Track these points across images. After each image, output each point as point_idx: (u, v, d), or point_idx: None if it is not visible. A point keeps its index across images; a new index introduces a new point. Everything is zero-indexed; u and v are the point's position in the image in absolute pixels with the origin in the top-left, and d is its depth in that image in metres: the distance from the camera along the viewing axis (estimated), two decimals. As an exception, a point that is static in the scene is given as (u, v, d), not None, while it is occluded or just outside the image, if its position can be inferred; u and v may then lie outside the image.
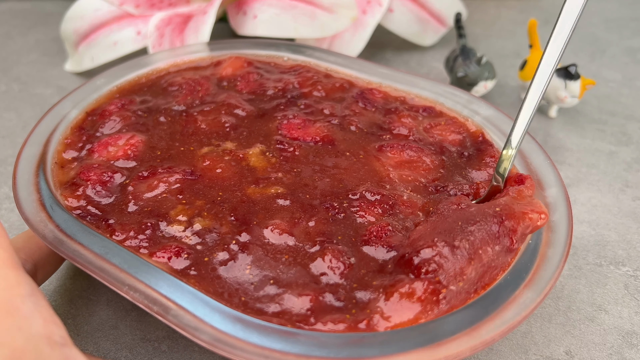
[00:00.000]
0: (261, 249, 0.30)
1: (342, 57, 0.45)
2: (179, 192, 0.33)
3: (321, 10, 0.49)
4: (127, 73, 0.43)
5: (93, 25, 0.54)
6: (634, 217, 0.41)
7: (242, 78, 0.43)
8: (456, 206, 0.31)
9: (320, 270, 0.28)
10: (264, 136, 0.37)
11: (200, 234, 0.30)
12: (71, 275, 0.36)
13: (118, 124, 0.38)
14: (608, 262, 0.37)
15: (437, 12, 0.58)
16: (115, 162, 0.35)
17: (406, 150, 0.36)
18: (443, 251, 0.27)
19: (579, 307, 0.35)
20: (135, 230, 0.31)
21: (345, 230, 0.31)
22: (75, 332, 0.33)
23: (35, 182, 0.33)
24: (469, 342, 0.25)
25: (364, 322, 0.26)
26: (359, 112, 0.39)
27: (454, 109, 0.39)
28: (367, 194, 0.32)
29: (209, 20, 0.48)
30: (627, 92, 0.54)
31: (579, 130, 0.49)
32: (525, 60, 0.50)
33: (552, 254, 0.29)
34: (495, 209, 0.29)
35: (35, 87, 0.55)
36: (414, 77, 0.42)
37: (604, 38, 0.62)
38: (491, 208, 0.30)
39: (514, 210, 0.29)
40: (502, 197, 0.31)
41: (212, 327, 0.25)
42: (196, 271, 0.29)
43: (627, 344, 0.32)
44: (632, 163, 0.45)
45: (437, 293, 0.26)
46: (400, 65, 0.58)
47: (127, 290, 0.27)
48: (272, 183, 0.34)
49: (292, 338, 0.25)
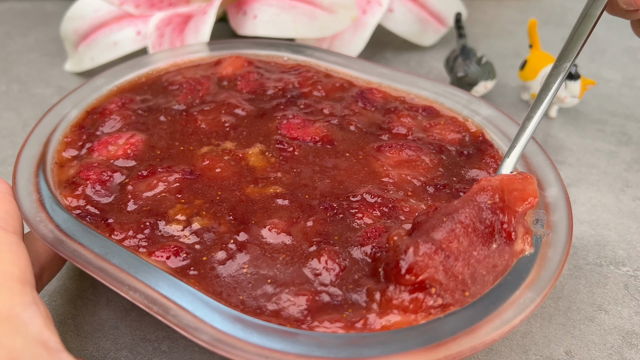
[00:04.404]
0: (259, 248, 0.30)
1: (342, 57, 0.45)
2: (178, 191, 0.33)
3: (321, 10, 0.49)
4: (127, 73, 0.43)
5: (93, 25, 0.54)
6: (634, 217, 0.41)
7: (242, 77, 0.43)
8: (435, 209, 0.30)
9: (317, 271, 0.28)
10: (264, 136, 0.37)
11: (199, 233, 0.30)
12: (71, 275, 0.36)
13: (118, 122, 0.38)
14: (608, 262, 0.37)
15: (437, 12, 0.58)
16: (115, 161, 0.35)
17: (405, 150, 0.36)
18: (426, 250, 0.26)
19: (579, 307, 0.35)
20: (134, 229, 0.31)
21: (342, 231, 0.31)
22: (75, 332, 0.33)
23: (35, 182, 0.33)
24: (469, 342, 0.25)
25: (361, 322, 0.26)
26: (358, 112, 0.39)
27: (453, 109, 0.39)
28: (367, 196, 0.32)
29: (209, 20, 0.48)
30: (627, 92, 0.54)
31: (579, 130, 0.49)
32: (525, 60, 0.50)
33: (552, 254, 0.29)
34: (475, 189, 0.28)
35: (35, 87, 0.55)
36: (413, 77, 0.42)
37: (604, 38, 0.62)
38: (471, 191, 0.29)
39: (497, 183, 0.29)
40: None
41: (212, 327, 0.25)
42: (195, 270, 0.29)
43: (627, 344, 0.32)
44: (632, 163, 0.45)
45: (427, 292, 0.26)
46: (400, 65, 0.58)
47: (127, 290, 0.27)
48: (271, 183, 0.34)
49: (292, 338, 0.25)
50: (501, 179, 0.29)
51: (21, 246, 0.28)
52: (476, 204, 0.28)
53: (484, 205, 0.28)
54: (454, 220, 0.27)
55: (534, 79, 0.49)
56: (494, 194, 0.28)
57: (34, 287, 0.26)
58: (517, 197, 0.29)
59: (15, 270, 0.26)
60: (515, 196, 0.29)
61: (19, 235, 0.29)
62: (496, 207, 0.28)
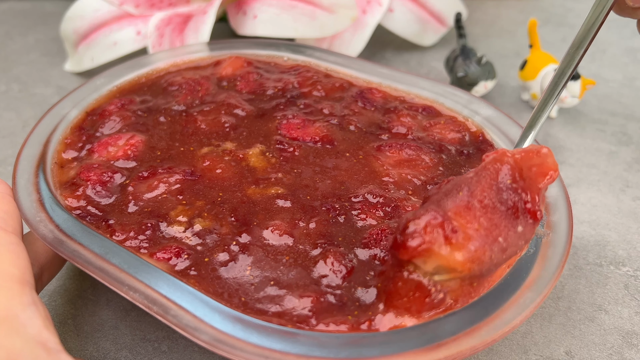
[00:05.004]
0: (261, 250, 0.30)
1: (342, 57, 0.45)
2: (179, 192, 0.33)
3: (321, 10, 0.49)
4: (127, 73, 0.43)
5: (93, 25, 0.54)
6: (634, 217, 0.41)
7: (242, 78, 0.43)
8: (448, 181, 0.27)
9: (322, 273, 0.28)
10: (264, 136, 0.37)
11: (201, 235, 0.30)
12: (71, 275, 0.36)
13: (118, 123, 0.38)
14: (608, 262, 0.37)
15: (437, 12, 0.58)
16: (115, 162, 0.35)
17: (405, 149, 0.36)
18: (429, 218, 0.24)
19: (579, 307, 0.35)
20: (135, 230, 0.31)
21: (346, 232, 0.31)
22: (75, 332, 0.33)
23: (35, 182, 0.33)
24: (469, 342, 0.25)
25: (366, 324, 0.26)
26: (358, 112, 0.39)
27: (453, 109, 0.39)
28: (369, 196, 0.32)
29: (209, 20, 0.48)
30: (627, 92, 0.54)
31: (579, 130, 0.49)
32: (526, 60, 0.50)
33: (552, 254, 0.29)
34: (490, 159, 0.26)
35: (35, 87, 0.55)
36: (413, 77, 0.42)
37: (604, 38, 0.62)
38: (485, 162, 0.27)
39: (514, 159, 0.27)
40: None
41: (212, 327, 0.25)
42: (196, 272, 0.29)
43: (627, 344, 0.32)
44: (632, 163, 0.45)
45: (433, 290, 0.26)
46: (400, 65, 0.58)
47: (127, 291, 0.27)
48: (272, 183, 0.33)
49: (292, 338, 0.25)
50: (517, 152, 0.27)
51: (21, 246, 0.28)
52: (491, 174, 0.26)
53: (504, 186, 0.26)
54: (467, 191, 0.25)
55: (534, 79, 0.49)
56: (513, 172, 0.26)
57: (33, 288, 0.26)
58: (537, 173, 0.27)
59: (15, 271, 0.26)
60: (535, 172, 0.27)
61: (19, 236, 0.29)
62: (517, 187, 0.26)
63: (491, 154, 0.27)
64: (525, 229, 0.26)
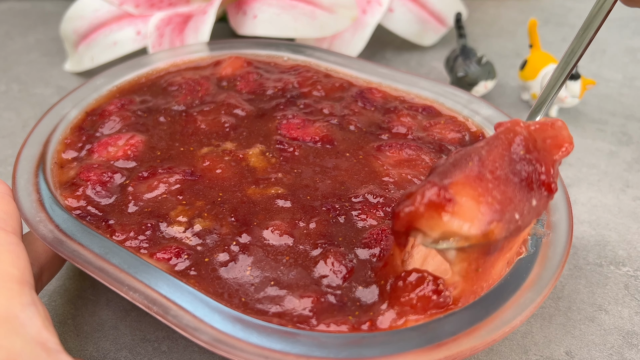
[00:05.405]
0: (262, 250, 0.30)
1: (342, 57, 0.45)
2: (179, 192, 0.33)
3: (321, 10, 0.49)
4: (127, 73, 0.43)
5: (93, 25, 0.54)
6: (634, 217, 0.41)
7: (242, 78, 0.43)
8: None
9: (322, 273, 0.28)
10: (264, 136, 0.37)
11: (201, 235, 0.30)
12: (71, 275, 0.36)
13: (118, 124, 0.38)
14: (608, 262, 0.37)
15: (437, 12, 0.58)
16: (115, 162, 0.35)
17: (405, 149, 0.36)
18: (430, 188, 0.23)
19: (579, 307, 0.35)
20: (135, 230, 0.31)
21: (346, 232, 0.31)
22: (75, 332, 0.33)
23: (34, 182, 0.33)
24: (469, 342, 0.25)
25: (367, 324, 0.26)
26: (358, 112, 0.39)
27: (453, 109, 0.39)
28: (369, 196, 0.32)
29: (209, 20, 0.48)
30: (627, 92, 0.54)
31: (579, 130, 0.49)
32: (526, 60, 0.50)
33: (552, 254, 0.29)
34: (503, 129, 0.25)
35: (35, 87, 0.55)
36: (413, 77, 0.42)
37: (604, 38, 0.62)
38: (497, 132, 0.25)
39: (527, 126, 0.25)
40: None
41: (212, 328, 0.25)
42: (196, 272, 0.29)
43: (627, 344, 0.32)
44: (632, 163, 0.45)
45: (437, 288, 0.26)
46: (400, 65, 0.58)
47: (127, 291, 0.27)
48: (272, 183, 0.33)
49: (292, 338, 0.25)
50: (531, 124, 0.26)
51: (20, 246, 0.28)
52: (503, 143, 0.25)
53: (517, 156, 0.25)
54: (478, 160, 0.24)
55: (534, 78, 0.49)
56: (526, 142, 0.25)
57: (33, 288, 0.26)
58: (551, 145, 0.26)
59: (14, 271, 0.26)
60: (550, 144, 0.26)
61: (18, 236, 0.29)
62: (532, 158, 0.25)
63: (504, 123, 0.26)
64: (539, 202, 0.25)
